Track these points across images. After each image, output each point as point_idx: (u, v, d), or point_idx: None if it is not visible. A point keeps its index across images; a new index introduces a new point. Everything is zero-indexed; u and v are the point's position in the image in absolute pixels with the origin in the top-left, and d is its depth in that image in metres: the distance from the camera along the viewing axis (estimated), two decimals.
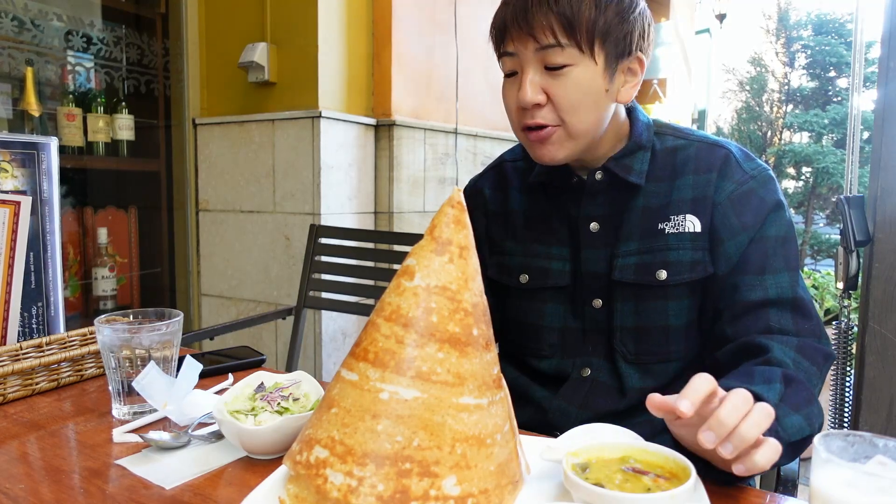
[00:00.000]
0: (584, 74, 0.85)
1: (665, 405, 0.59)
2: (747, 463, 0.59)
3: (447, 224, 0.59)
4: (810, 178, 6.96)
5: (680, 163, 0.93)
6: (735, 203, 0.89)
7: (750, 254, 0.88)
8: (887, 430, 1.39)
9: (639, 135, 0.93)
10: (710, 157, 0.92)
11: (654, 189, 0.93)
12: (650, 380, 0.93)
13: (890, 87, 1.35)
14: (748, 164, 0.92)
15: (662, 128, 0.97)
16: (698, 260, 0.90)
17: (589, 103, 0.86)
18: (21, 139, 0.96)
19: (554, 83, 0.85)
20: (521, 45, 0.85)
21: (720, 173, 0.90)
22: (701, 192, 0.90)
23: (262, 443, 0.68)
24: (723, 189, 0.90)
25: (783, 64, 7.80)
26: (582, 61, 0.84)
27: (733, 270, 0.88)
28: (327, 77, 2.26)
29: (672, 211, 0.91)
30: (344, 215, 2.33)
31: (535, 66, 0.85)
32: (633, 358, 0.94)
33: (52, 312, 0.99)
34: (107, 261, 2.40)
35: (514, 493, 0.58)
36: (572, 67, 0.84)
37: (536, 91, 0.85)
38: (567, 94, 0.85)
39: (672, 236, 0.91)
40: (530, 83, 0.85)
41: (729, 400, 0.59)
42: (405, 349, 0.54)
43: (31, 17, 2.18)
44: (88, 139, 2.29)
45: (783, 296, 0.86)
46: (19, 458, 0.71)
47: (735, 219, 0.89)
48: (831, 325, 1.60)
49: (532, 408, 0.98)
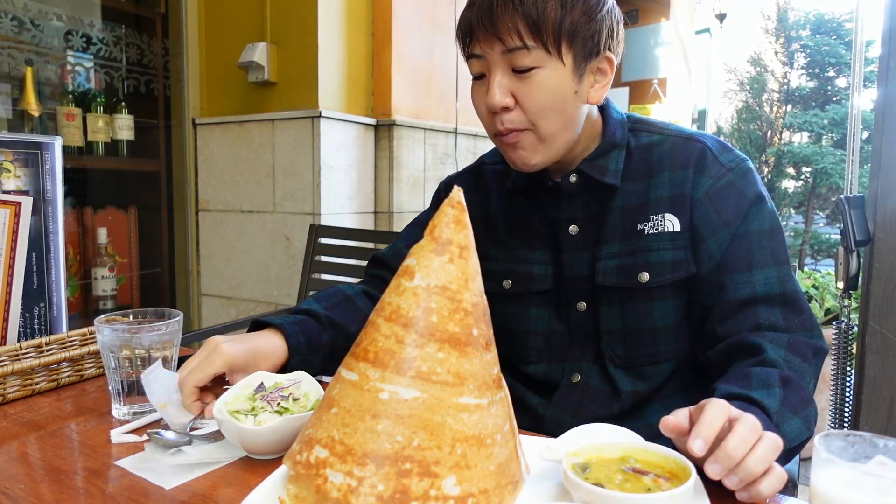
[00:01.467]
0: (552, 76, 0.83)
1: (679, 429, 0.60)
2: (752, 492, 0.59)
3: (447, 224, 0.58)
4: (810, 178, 6.95)
5: (656, 160, 0.91)
6: (713, 198, 0.87)
7: (735, 250, 0.86)
8: (887, 430, 1.39)
9: (612, 133, 0.92)
10: (685, 151, 0.90)
11: (631, 188, 0.91)
12: (642, 383, 0.92)
13: (890, 87, 1.35)
14: (725, 157, 0.89)
15: (637, 123, 0.95)
16: (680, 259, 0.88)
17: (558, 105, 0.84)
18: (24, 139, 0.96)
19: (521, 86, 0.83)
20: (488, 48, 0.83)
21: (696, 168, 0.88)
22: (678, 189, 0.89)
23: (262, 443, 0.68)
24: (700, 185, 0.88)
25: (783, 64, 7.80)
26: (549, 63, 0.82)
27: (719, 268, 0.86)
28: (327, 77, 2.26)
29: (651, 210, 0.89)
30: (344, 215, 2.33)
31: (503, 69, 0.84)
32: (622, 361, 0.92)
33: (54, 313, 0.99)
34: (107, 261, 2.41)
35: (514, 493, 0.58)
36: (539, 70, 0.82)
37: (504, 94, 0.83)
38: (535, 97, 0.83)
39: (652, 237, 0.89)
40: (497, 86, 0.83)
41: (737, 431, 0.58)
42: (405, 349, 0.54)
43: (31, 17, 2.18)
44: (88, 139, 2.30)
45: (771, 291, 0.84)
46: (19, 458, 0.71)
47: (715, 215, 0.87)
48: (831, 325, 1.60)
49: (528, 416, 0.96)
